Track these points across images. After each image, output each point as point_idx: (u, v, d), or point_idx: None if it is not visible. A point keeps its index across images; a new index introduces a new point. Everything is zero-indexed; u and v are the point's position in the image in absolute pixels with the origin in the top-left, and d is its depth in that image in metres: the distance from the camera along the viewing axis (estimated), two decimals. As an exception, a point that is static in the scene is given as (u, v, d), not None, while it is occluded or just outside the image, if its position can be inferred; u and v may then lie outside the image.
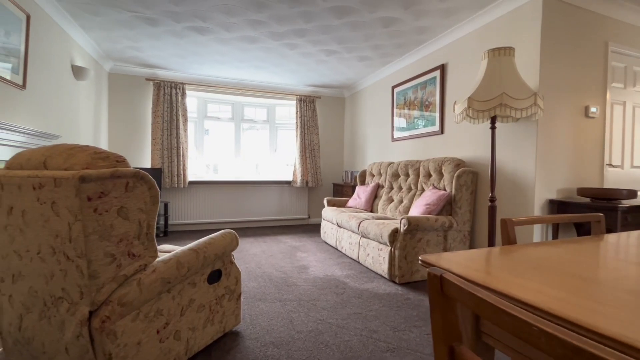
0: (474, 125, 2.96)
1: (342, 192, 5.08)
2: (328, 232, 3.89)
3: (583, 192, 2.36)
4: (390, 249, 2.62)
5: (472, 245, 2.99)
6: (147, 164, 4.60)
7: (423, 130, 3.66)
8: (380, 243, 2.76)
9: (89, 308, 1.10)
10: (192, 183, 4.74)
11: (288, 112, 5.54)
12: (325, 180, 5.66)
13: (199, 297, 1.51)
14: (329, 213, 3.83)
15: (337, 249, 3.67)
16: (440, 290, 0.46)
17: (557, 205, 2.46)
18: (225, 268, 1.68)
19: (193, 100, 4.95)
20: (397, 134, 4.16)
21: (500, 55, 2.22)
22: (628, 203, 2.27)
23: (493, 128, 2.31)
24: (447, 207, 2.85)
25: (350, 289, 2.44)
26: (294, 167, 5.22)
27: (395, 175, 3.77)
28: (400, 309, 2.10)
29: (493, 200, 2.33)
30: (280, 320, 1.93)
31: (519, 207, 2.55)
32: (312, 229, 4.95)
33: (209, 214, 4.87)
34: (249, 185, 5.08)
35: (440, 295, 0.46)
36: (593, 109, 2.59)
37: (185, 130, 4.60)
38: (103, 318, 1.10)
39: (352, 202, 4.13)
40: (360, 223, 3.07)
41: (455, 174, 2.82)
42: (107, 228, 1.11)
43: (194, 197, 4.79)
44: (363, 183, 4.45)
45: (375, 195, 4.03)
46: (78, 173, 1.03)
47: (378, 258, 2.76)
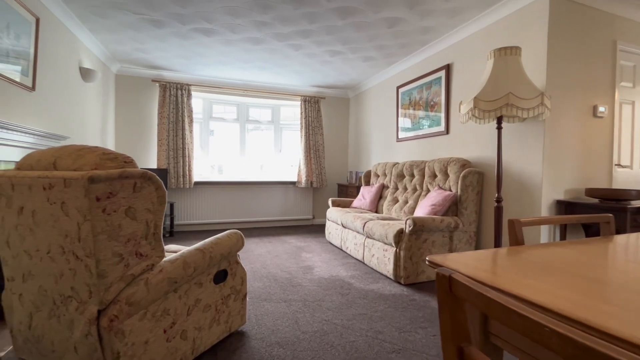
0: (480, 126, 2.94)
1: (346, 192, 5.08)
2: (333, 232, 3.89)
3: (591, 192, 2.34)
4: (396, 250, 2.61)
5: (478, 246, 2.97)
6: (153, 165, 4.64)
7: (428, 131, 3.65)
8: (386, 244, 2.75)
9: (98, 307, 1.11)
10: (197, 183, 4.77)
11: (293, 112, 5.55)
12: (330, 181, 5.66)
13: (205, 297, 1.52)
14: (334, 214, 3.83)
15: (342, 250, 3.67)
16: (449, 291, 0.46)
17: (564, 206, 2.43)
18: (231, 268, 1.69)
19: (198, 101, 4.99)
20: (402, 135, 4.15)
21: (507, 55, 2.20)
22: (637, 204, 2.24)
23: (499, 128, 2.29)
24: (452, 207, 2.83)
25: (356, 290, 2.44)
26: (299, 167, 5.22)
27: (400, 176, 3.76)
28: (406, 310, 2.09)
29: (499, 201, 2.31)
30: (286, 321, 1.94)
31: (526, 207, 2.53)
32: (316, 230, 4.95)
33: (214, 214, 4.90)
34: (254, 186, 5.09)
35: (449, 296, 0.46)
36: (601, 109, 2.56)
37: (191, 131, 4.63)
38: (111, 317, 1.11)
39: (356, 202, 4.13)
40: (365, 224, 3.07)
41: (461, 175, 2.80)
42: (115, 228, 1.12)
43: (200, 197, 4.82)
44: (368, 183, 4.44)
45: (380, 196, 4.02)
46: (87, 174, 1.05)
47: (383, 259, 2.75)
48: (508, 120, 2.49)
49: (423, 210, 2.85)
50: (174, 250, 1.77)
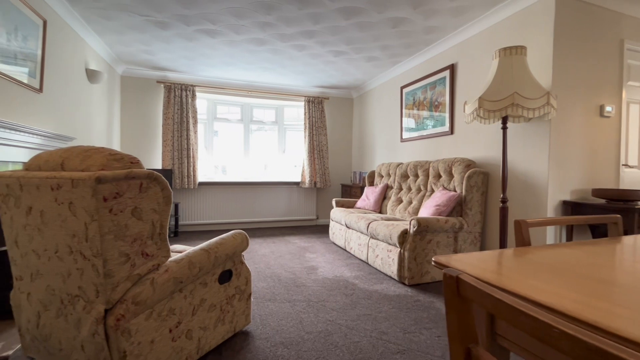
0: (485, 126, 2.92)
1: (350, 193, 5.07)
2: (337, 233, 3.89)
3: (598, 193, 2.31)
4: (400, 251, 2.60)
5: (483, 247, 2.95)
6: (158, 165, 4.67)
7: (432, 131, 3.63)
8: (390, 244, 2.74)
9: (105, 306, 1.12)
10: (201, 184, 4.79)
11: (296, 113, 5.56)
12: (334, 181, 5.65)
13: (210, 296, 1.53)
14: (338, 214, 3.83)
15: (345, 250, 3.67)
16: (457, 291, 0.46)
17: (571, 207, 2.41)
18: (236, 268, 1.69)
19: (203, 102, 5.01)
20: (406, 135, 4.14)
21: (512, 55, 2.19)
22: (645, 204, 2.21)
23: (504, 128, 2.28)
24: (457, 208, 2.82)
25: (360, 290, 2.44)
26: (303, 168, 5.23)
27: (405, 176, 3.74)
28: (410, 311, 2.08)
29: (505, 202, 2.30)
30: (290, 321, 1.94)
31: (532, 208, 2.51)
32: (320, 230, 4.95)
33: (218, 215, 4.92)
34: (258, 186, 5.11)
35: (457, 296, 0.46)
36: (608, 108, 2.53)
37: (195, 132, 4.65)
38: (118, 316, 1.12)
39: (360, 203, 4.12)
40: (369, 224, 3.06)
41: (466, 175, 2.79)
42: (121, 228, 1.13)
43: (204, 197, 4.84)
44: (372, 184, 4.44)
45: (384, 196, 4.02)
46: (94, 174, 1.06)
47: (387, 259, 2.74)
48: (513, 120, 2.47)
49: (427, 211, 2.84)
50: (179, 250, 1.78)
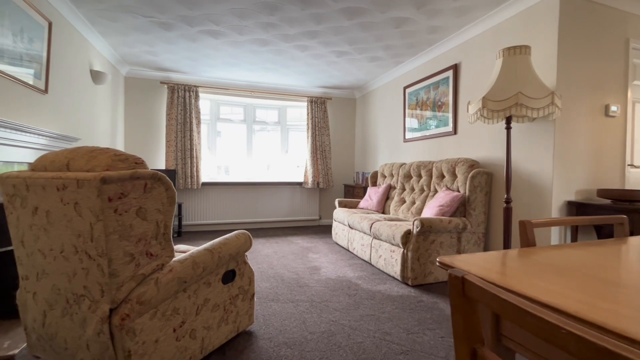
0: (489, 126, 2.91)
1: (353, 193, 5.07)
2: (339, 233, 3.89)
3: (603, 193, 2.29)
4: (403, 251, 2.59)
5: (486, 248, 2.94)
6: (161, 166, 4.69)
7: (435, 131, 3.62)
8: (393, 245, 2.74)
9: (110, 306, 1.13)
10: (205, 184, 4.81)
11: (299, 113, 5.57)
12: (337, 182, 5.65)
13: (214, 296, 1.53)
14: (341, 214, 3.83)
15: (348, 250, 3.66)
16: (462, 292, 0.46)
17: (575, 207, 2.39)
18: (239, 268, 1.70)
19: (206, 103, 5.03)
20: (409, 135, 4.13)
21: (516, 54, 2.18)
22: (651, 205, 2.19)
23: (508, 128, 2.27)
24: (460, 208, 2.81)
25: (363, 291, 2.43)
26: (305, 168, 5.23)
27: (408, 177, 3.74)
28: (414, 312, 2.08)
29: (508, 202, 2.29)
30: (293, 321, 1.94)
31: (536, 208, 2.49)
32: (323, 230, 4.95)
33: (222, 215, 4.93)
34: (261, 187, 5.12)
35: (462, 297, 0.46)
36: (613, 108, 2.51)
37: (199, 132, 4.67)
38: (123, 316, 1.13)
39: (363, 203, 4.12)
40: (372, 224, 3.06)
41: (469, 175, 2.77)
42: (126, 228, 1.14)
43: (207, 198, 4.86)
44: (374, 184, 4.43)
45: (387, 197, 4.01)
46: (99, 174, 1.07)
47: (390, 260, 2.74)
48: (517, 120, 2.46)
49: (431, 211, 2.84)
50: (183, 251, 1.78)
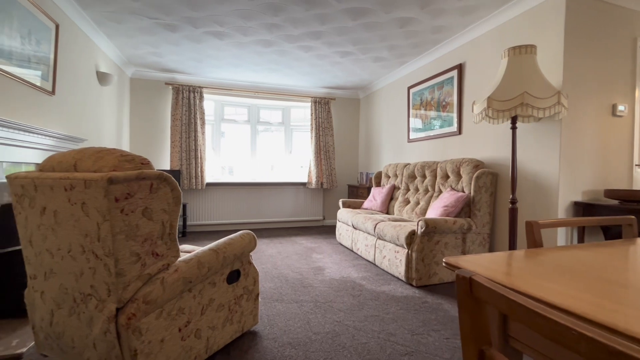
0: (494, 126, 2.89)
1: (357, 193, 5.06)
2: (343, 233, 3.88)
3: (611, 194, 2.27)
4: (407, 252, 2.58)
5: (492, 249, 2.92)
6: (166, 166, 4.72)
7: (440, 131, 3.61)
8: (397, 245, 2.73)
9: (116, 305, 1.14)
10: (209, 184, 4.83)
11: (303, 114, 5.57)
12: (340, 182, 5.65)
13: (219, 296, 1.54)
14: (345, 215, 3.83)
15: (352, 251, 3.66)
16: (470, 293, 0.46)
17: (582, 208, 2.37)
18: (244, 268, 1.70)
19: (210, 104, 5.06)
20: (413, 135, 4.12)
21: (521, 54, 2.16)
22: (660, 205, 2.16)
23: (514, 128, 2.25)
24: (465, 209, 2.79)
25: (367, 291, 2.43)
26: (309, 168, 5.24)
27: (412, 177, 3.72)
28: (418, 313, 2.07)
29: (514, 202, 2.27)
30: (297, 321, 1.94)
31: (542, 209, 2.47)
32: (327, 231, 4.95)
33: (226, 215, 4.95)
34: (265, 187, 5.13)
35: (470, 298, 0.46)
36: (621, 107, 2.48)
37: (203, 133, 4.70)
38: (129, 315, 1.14)
39: (367, 203, 4.11)
40: (376, 225, 3.05)
41: (474, 175, 2.76)
42: (132, 228, 1.15)
43: (211, 198, 4.88)
44: (378, 185, 4.42)
45: (391, 197, 4.00)
46: (106, 175, 1.08)
47: (395, 260, 2.73)
48: (523, 120, 2.44)
49: (435, 212, 2.82)
50: (188, 251, 1.79)
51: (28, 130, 2.07)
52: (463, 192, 2.88)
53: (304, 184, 5.31)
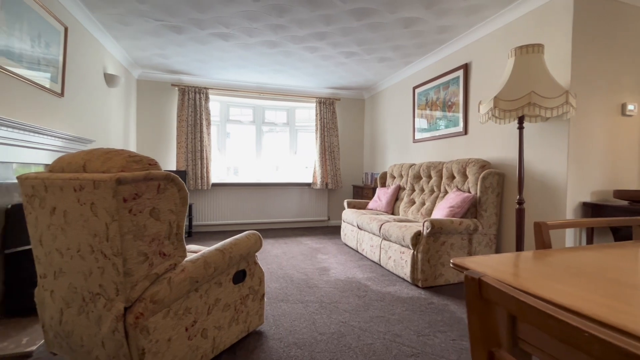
0: (500, 126, 2.87)
1: (362, 194, 5.05)
2: (348, 234, 3.88)
3: (620, 194, 2.24)
4: (413, 252, 2.57)
5: (498, 250, 2.89)
6: (172, 167, 4.76)
7: (446, 131, 3.59)
8: (403, 246, 2.72)
9: (124, 304, 1.15)
10: (214, 185, 4.86)
11: (308, 114, 5.58)
12: (345, 182, 5.64)
13: (225, 296, 1.55)
14: (350, 215, 3.82)
15: (357, 252, 3.65)
16: (479, 294, 0.45)
17: (591, 209, 2.34)
18: (250, 268, 1.71)
19: (216, 105, 5.09)
20: (418, 135, 4.10)
21: (529, 53, 2.14)
22: (671, 206, 2.13)
23: (521, 128, 2.23)
24: (471, 209, 2.77)
25: (372, 292, 2.42)
26: (314, 169, 5.24)
27: (417, 177, 3.71)
28: (424, 314, 2.06)
29: (521, 203, 2.25)
30: (303, 322, 1.94)
31: (549, 210, 2.44)
32: (332, 231, 4.95)
33: (231, 216, 4.97)
34: (270, 187, 5.14)
35: (479, 299, 0.46)
36: (630, 107, 2.45)
37: (209, 134, 4.73)
38: (137, 314, 1.15)
39: (372, 204, 4.10)
40: (382, 225, 3.04)
41: (481, 176, 2.74)
42: (140, 228, 1.16)
43: (217, 198, 4.90)
44: (384, 185, 4.41)
45: (397, 198, 3.98)
46: (115, 175, 1.09)
47: (400, 261, 2.72)
48: (530, 120, 2.42)
49: (441, 212, 2.81)
50: (195, 251, 1.81)
51: (37, 132, 2.11)
52: (469, 192, 2.86)
53: (309, 185, 5.31)
